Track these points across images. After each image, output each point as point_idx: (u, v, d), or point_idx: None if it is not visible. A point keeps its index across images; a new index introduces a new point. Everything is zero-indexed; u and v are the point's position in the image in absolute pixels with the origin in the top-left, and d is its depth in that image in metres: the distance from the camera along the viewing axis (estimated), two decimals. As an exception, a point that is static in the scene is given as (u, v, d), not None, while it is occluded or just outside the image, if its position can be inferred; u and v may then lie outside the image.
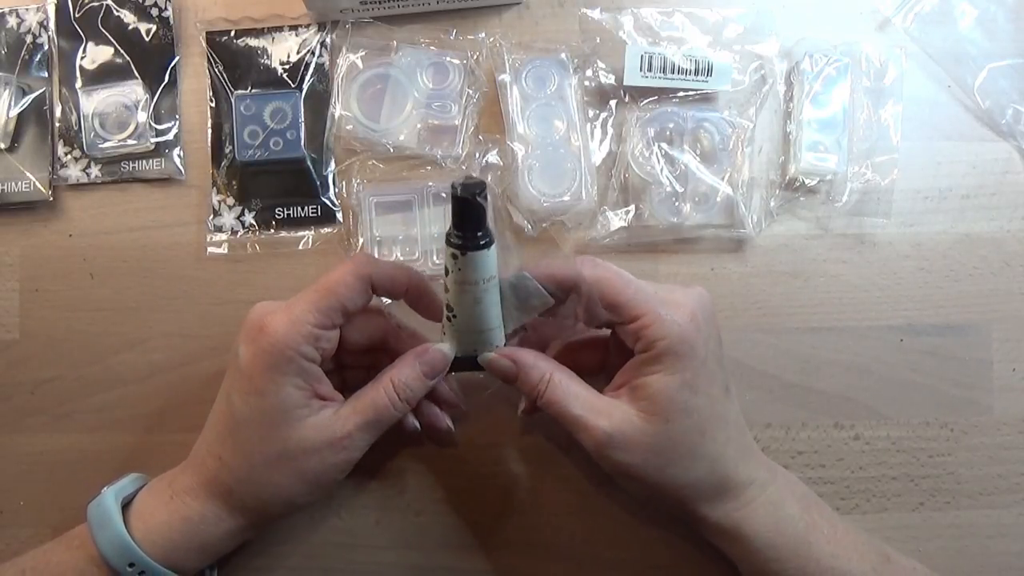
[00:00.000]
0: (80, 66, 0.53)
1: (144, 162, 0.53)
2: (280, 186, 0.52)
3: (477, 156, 0.52)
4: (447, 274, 0.41)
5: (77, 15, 0.53)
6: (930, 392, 0.51)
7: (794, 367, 0.51)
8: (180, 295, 0.52)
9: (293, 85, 0.53)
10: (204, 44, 0.53)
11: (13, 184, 0.52)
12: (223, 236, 0.52)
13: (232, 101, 0.52)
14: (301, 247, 0.52)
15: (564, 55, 0.52)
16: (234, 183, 0.52)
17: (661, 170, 0.51)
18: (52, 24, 0.53)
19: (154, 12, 0.53)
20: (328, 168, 0.52)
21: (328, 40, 0.53)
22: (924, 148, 0.53)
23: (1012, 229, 0.52)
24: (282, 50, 0.53)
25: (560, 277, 0.42)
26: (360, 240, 0.51)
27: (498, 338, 0.43)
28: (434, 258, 0.51)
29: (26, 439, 0.52)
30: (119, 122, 0.52)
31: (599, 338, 0.48)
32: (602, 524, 0.51)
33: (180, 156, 0.53)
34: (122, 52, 0.53)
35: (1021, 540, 0.51)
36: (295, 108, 0.52)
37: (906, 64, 0.52)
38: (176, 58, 0.53)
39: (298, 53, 0.53)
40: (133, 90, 0.53)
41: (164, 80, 0.53)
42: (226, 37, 0.53)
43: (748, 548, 0.43)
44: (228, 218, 0.52)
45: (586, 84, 0.52)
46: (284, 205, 0.52)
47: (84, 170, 0.52)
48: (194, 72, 0.54)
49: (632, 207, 0.51)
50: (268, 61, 0.53)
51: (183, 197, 0.53)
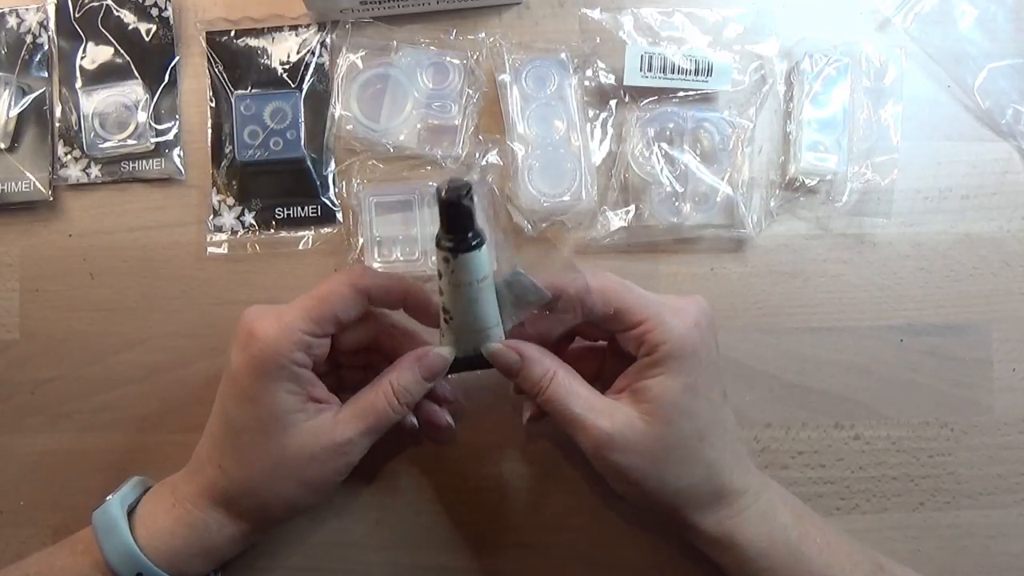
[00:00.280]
0: (80, 66, 0.53)
1: (144, 162, 0.53)
2: (280, 186, 0.52)
3: (477, 156, 0.52)
4: (440, 277, 0.41)
5: (77, 15, 0.53)
6: (930, 392, 0.51)
7: (794, 367, 0.51)
8: (180, 295, 0.52)
9: (293, 85, 0.53)
10: (204, 44, 0.53)
11: (13, 184, 0.52)
12: (223, 236, 0.52)
13: (232, 101, 0.52)
14: (301, 247, 0.52)
15: (564, 55, 0.52)
16: (234, 183, 0.52)
17: (661, 170, 0.51)
18: (52, 24, 0.53)
19: (154, 12, 0.53)
20: (328, 168, 0.52)
21: (328, 40, 0.53)
22: (924, 148, 0.53)
23: (1012, 229, 0.52)
24: (282, 50, 0.53)
25: (555, 288, 0.42)
26: (360, 240, 0.51)
27: (497, 336, 0.43)
28: (434, 258, 0.51)
29: (26, 439, 0.52)
30: (119, 122, 0.52)
31: (596, 348, 0.48)
32: (602, 525, 0.50)
33: (180, 156, 0.53)
34: (122, 52, 0.53)
35: (1021, 540, 0.51)
36: (295, 108, 0.52)
37: (906, 64, 0.52)
38: (176, 58, 0.53)
39: (298, 53, 0.53)
40: (133, 90, 0.52)
41: (164, 80, 0.53)
42: (226, 37, 0.53)
43: (741, 557, 0.42)
44: (228, 218, 0.52)
45: (586, 84, 0.52)
46: (284, 205, 0.52)
47: (84, 170, 0.52)
48: (194, 72, 0.54)
49: (632, 207, 0.51)
50: (268, 61, 0.53)
51: (183, 197, 0.53)
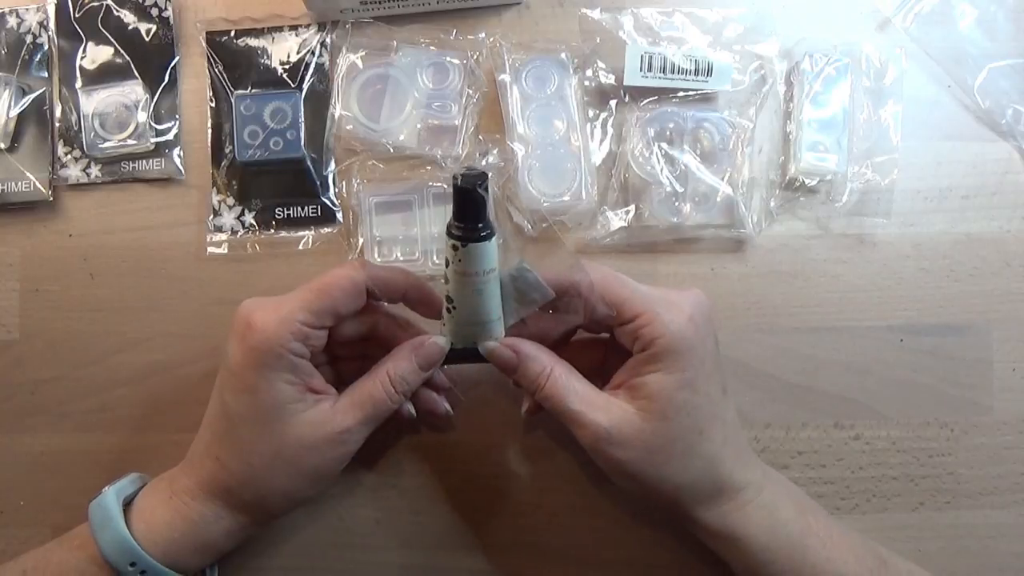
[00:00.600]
0: (80, 66, 0.53)
1: (144, 162, 0.53)
2: (280, 186, 0.52)
3: (477, 156, 0.52)
4: (447, 265, 0.41)
5: (77, 15, 0.53)
6: (930, 392, 0.51)
7: (794, 367, 0.51)
8: (180, 295, 0.52)
9: (293, 85, 0.53)
10: (204, 44, 0.53)
11: (13, 184, 0.52)
12: (223, 236, 0.52)
13: (232, 101, 0.52)
14: (301, 247, 0.52)
15: (564, 55, 0.52)
16: (234, 183, 0.52)
17: (661, 170, 0.51)
18: (52, 24, 0.53)
19: (154, 12, 0.53)
20: (328, 168, 0.52)
21: (328, 40, 0.53)
22: (924, 148, 0.53)
23: (1012, 229, 0.52)
24: (282, 50, 0.53)
25: (560, 281, 0.43)
26: (360, 240, 0.51)
27: (498, 330, 0.44)
28: (434, 258, 0.51)
29: (26, 439, 0.52)
30: (119, 122, 0.52)
31: (598, 341, 0.48)
32: (602, 524, 0.51)
33: (180, 156, 0.53)
34: (122, 52, 0.53)
35: (1021, 540, 0.51)
36: (295, 108, 0.52)
37: (906, 64, 0.52)
38: (176, 58, 0.53)
39: (298, 53, 0.53)
40: (133, 90, 0.52)
41: (164, 80, 0.53)
42: (226, 37, 0.53)
43: (744, 551, 0.42)
44: (228, 218, 0.52)
45: (586, 84, 0.52)
46: (284, 205, 0.52)
47: (84, 170, 0.52)
48: (194, 72, 0.54)
49: (632, 207, 0.51)
50: (268, 61, 0.53)
51: (183, 197, 0.53)
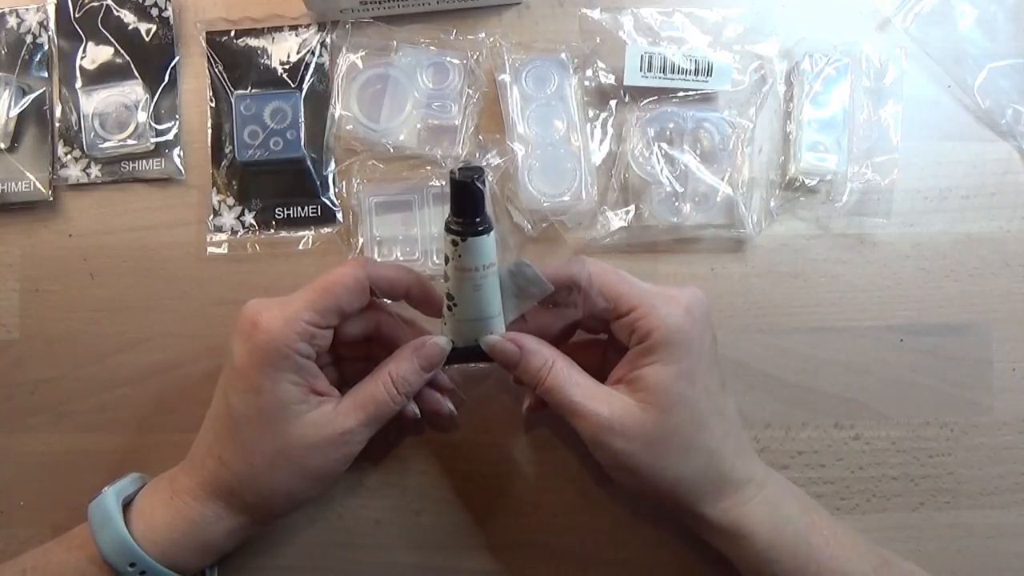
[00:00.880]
0: (80, 66, 0.53)
1: (144, 162, 0.53)
2: (280, 186, 0.52)
3: (477, 156, 0.52)
4: (447, 262, 0.41)
5: (77, 15, 0.53)
6: (930, 392, 0.51)
7: (794, 367, 0.51)
8: (180, 295, 0.52)
9: (293, 85, 0.53)
10: (204, 44, 0.53)
11: (13, 184, 0.52)
12: (223, 236, 0.52)
13: (232, 101, 0.52)
14: (301, 247, 0.52)
15: (564, 55, 0.52)
16: (234, 183, 0.52)
17: (661, 170, 0.51)
18: (52, 24, 0.53)
19: (154, 12, 0.53)
20: (328, 168, 0.52)
21: (328, 40, 0.53)
22: (924, 148, 0.53)
23: (1012, 229, 0.52)
24: (282, 50, 0.53)
25: (558, 275, 0.43)
26: (360, 240, 0.51)
27: (498, 326, 0.44)
28: (434, 258, 0.51)
29: (26, 439, 0.52)
30: (119, 122, 0.52)
31: (596, 341, 0.48)
32: (602, 524, 0.51)
33: (180, 156, 0.53)
34: (122, 52, 0.53)
35: (1021, 540, 0.51)
36: (295, 108, 0.52)
37: (906, 64, 0.52)
38: (176, 58, 0.53)
39: (298, 53, 0.53)
40: (133, 90, 0.52)
41: (164, 80, 0.53)
42: (226, 37, 0.53)
43: (748, 548, 0.42)
44: (228, 218, 0.52)
45: (586, 84, 0.52)
46: (284, 205, 0.52)
47: (84, 170, 0.52)
48: (194, 72, 0.54)
49: (632, 207, 0.51)
50: (268, 61, 0.53)
51: (183, 197, 0.53)
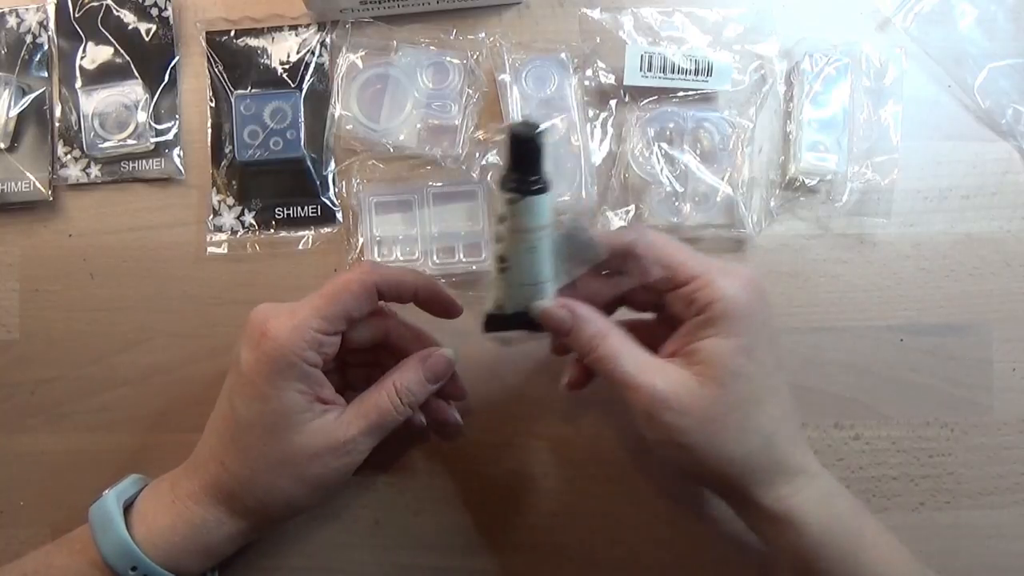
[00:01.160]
0: (80, 66, 0.53)
1: (144, 162, 0.53)
2: (280, 186, 0.52)
3: (477, 156, 0.52)
4: (501, 222, 0.39)
5: (77, 15, 0.53)
6: (930, 392, 0.51)
7: (794, 367, 0.51)
8: (180, 295, 0.52)
9: (293, 85, 0.53)
10: (204, 44, 0.53)
11: (13, 184, 0.52)
12: (223, 236, 0.52)
13: (232, 101, 0.52)
14: (301, 247, 0.52)
15: (564, 55, 0.52)
16: (234, 183, 0.52)
17: (661, 170, 0.51)
18: (52, 24, 0.53)
19: (154, 12, 0.53)
20: (328, 168, 0.52)
21: (328, 40, 0.53)
22: (924, 148, 0.53)
23: (1012, 229, 0.52)
24: (282, 50, 0.53)
25: (614, 241, 0.41)
26: (360, 240, 0.51)
27: (549, 292, 0.41)
28: (434, 258, 0.51)
29: (26, 439, 0.52)
30: (119, 122, 0.52)
31: (643, 323, 0.45)
32: (603, 524, 0.50)
33: (180, 156, 0.53)
34: (122, 52, 0.53)
35: (1021, 540, 0.51)
36: (295, 108, 0.52)
37: (906, 64, 0.52)
38: (176, 58, 0.53)
39: (298, 53, 0.53)
40: (133, 90, 0.52)
41: (164, 80, 0.53)
42: (226, 37, 0.53)
43: (799, 541, 0.40)
44: (228, 218, 0.52)
45: (586, 84, 0.52)
46: (284, 205, 0.52)
47: (84, 170, 0.52)
48: (194, 72, 0.54)
49: (632, 207, 0.51)
50: (268, 61, 0.53)
51: (183, 197, 0.53)
